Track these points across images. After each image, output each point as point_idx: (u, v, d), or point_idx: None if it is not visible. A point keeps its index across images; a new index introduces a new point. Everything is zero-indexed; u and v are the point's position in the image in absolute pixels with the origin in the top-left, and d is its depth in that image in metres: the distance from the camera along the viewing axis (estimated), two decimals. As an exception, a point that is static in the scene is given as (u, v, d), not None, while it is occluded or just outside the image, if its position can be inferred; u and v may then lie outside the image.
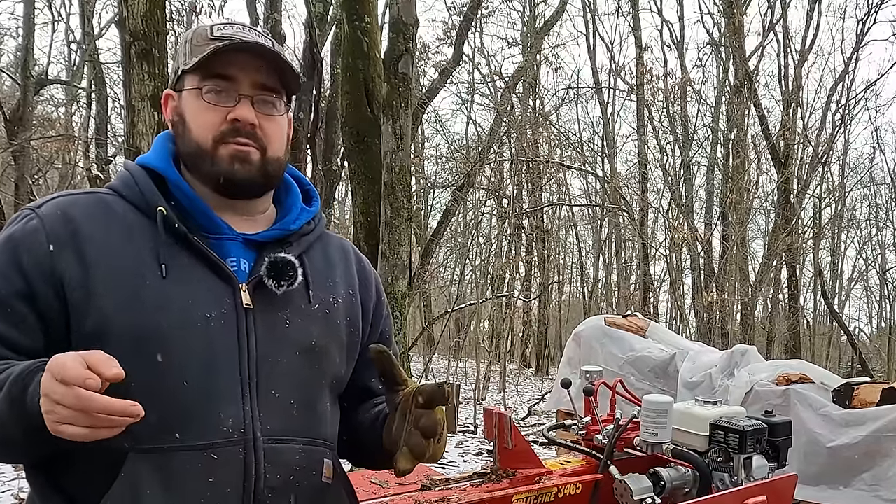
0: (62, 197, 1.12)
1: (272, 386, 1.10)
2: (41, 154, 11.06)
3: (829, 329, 18.41)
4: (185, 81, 1.14)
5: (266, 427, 1.08)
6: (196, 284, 1.08)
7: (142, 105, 4.83)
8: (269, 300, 1.12)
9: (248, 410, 1.07)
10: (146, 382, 1.01)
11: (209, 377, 1.05)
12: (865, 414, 4.38)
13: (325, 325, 1.18)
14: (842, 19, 23.87)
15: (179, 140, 1.15)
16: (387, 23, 6.01)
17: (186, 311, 1.05)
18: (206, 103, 1.12)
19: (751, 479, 2.27)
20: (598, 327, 5.94)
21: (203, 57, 1.10)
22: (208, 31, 1.15)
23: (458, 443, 7.75)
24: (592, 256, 19.23)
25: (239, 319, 1.09)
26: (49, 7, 11.98)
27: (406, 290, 5.46)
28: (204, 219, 1.13)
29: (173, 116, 1.16)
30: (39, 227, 1.05)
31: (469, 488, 2.05)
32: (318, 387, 1.17)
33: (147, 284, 1.04)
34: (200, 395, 1.04)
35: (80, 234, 1.05)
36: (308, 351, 1.15)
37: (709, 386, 5.06)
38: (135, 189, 1.12)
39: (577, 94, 17.79)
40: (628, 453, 2.34)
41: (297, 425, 1.12)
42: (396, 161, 5.35)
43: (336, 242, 1.31)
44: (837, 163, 18.11)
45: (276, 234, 1.18)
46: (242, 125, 1.12)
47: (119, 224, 1.08)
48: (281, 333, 1.13)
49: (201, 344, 1.05)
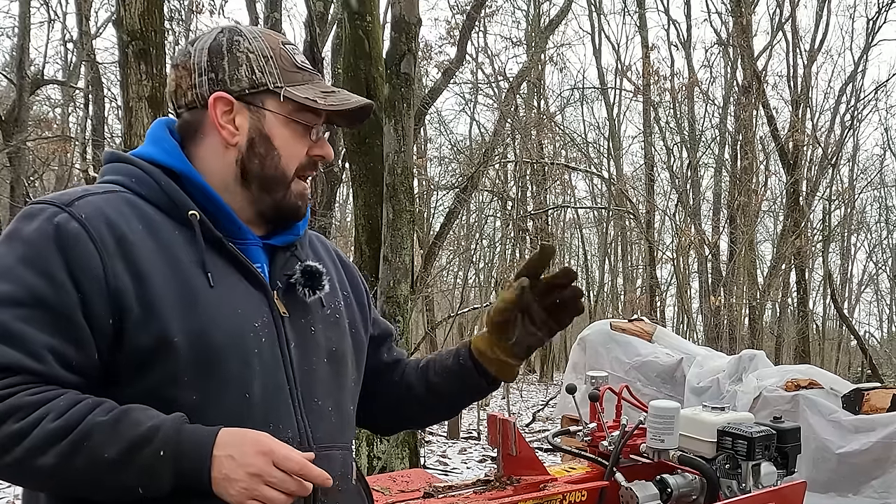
0: (90, 196, 1.05)
1: (313, 394, 1.13)
2: (37, 156, 11.01)
3: (838, 333, 18.25)
4: (269, 101, 1.13)
5: (316, 436, 1.11)
6: (237, 293, 1.07)
7: (139, 106, 4.71)
8: (297, 307, 1.14)
9: (301, 420, 1.10)
10: (209, 397, 1.01)
11: (267, 389, 1.06)
12: (875, 420, 4.35)
13: (338, 329, 1.21)
14: (851, 19, 23.66)
15: (256, 160, 1.13)
16: (388, 22, 5.88)
17: (238, 321, 1.05)
18: (297, 134, 1.14)
19: (759, 486, 2.23)
20: (604, 332, 5.91)
21: (335, 108, 1.14)
22: (290, 54, 1.16)
23: (462, 449, 7.67)
24: (598, 259, 19.14)
25: (278, 328, 1.10)
26: (46, 6, 11.88)
27: (408, 294, 5.39)
28: (230, 223, 1.11)
29: (252, 134, 1.13)
30: (83, 232, 0.99)
31: (473, 495, 2.05)
32: (344, 391, 1.21)
33: (200, 295, 1.03)
34: (262, 407, 1.05)
35: (125, 242, 1.01)
36: (331, 356, 1.18)
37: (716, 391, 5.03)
38: (156, 189, 1.08)
39: (582, 94, 17.69)
40: (634, 460, 2.33)
41: (335, 431, 1.16)
42: (399, 163, 5.27)
43: (316, 241, 1.31)
44: (847, 164, 18.02)
45: (290, 238, 1.19)
46: (324, 162, 1.18)
47: (152, 228, 1.05)
48: (311, 340, 1.15)
49: (255, 355, 1.06)
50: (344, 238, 14.37)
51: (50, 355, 0.96)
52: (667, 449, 2.25)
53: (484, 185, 13.78)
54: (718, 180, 16.01)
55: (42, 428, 0.92)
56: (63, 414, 0.93)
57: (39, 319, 0.96)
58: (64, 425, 0.93)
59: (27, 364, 0.95)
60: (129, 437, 0.94)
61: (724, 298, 13.40)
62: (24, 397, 0.93)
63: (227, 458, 0.95)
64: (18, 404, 0.93)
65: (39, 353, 0.95)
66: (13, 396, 0.93)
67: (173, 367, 0.99)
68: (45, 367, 0.96)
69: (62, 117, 13.60)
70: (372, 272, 5.49)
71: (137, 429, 0.95)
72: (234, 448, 0.96)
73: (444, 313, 14.71)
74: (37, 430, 0.92)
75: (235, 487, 0.95)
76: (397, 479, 2.24)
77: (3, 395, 0.93)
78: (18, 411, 0.93)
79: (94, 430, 0.93)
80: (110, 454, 0.93)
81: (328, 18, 10.23)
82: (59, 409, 0.94)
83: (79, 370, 0.98)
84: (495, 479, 2.16)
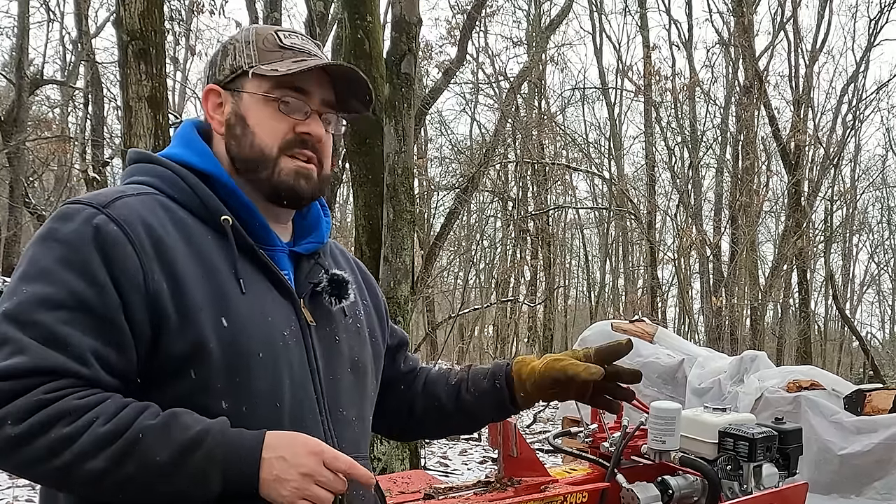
0: (126, 198, 1.04)
1: (339, 404, 1.13)
2: (36, 156, 10.99)
3: (840, 334, 18.21)
4: (246, 83, 1.13)
5: (342, 445, 1.08)
6: (266, 301, 1.07)
7: (139, 106, 4.70)
8: (323, 316, 1.14)
9: (328, 430, 1.09)
10: (240, 405, 1.01)
11: (295, 398, 1.06)
12: (878, 421, 4.37)
13: (359, 339, 1.21)
14: (853, 19, 23.57)
15: (234, 142, 1.13)
16: (389, 22, 5.86)
17: (269, 329, 1.05)
18: (277, 112, 1.12)
19: (761, 487, 2.24)
20: (605, 332, 5.93)
21: (294, 70, 1.10)
22: (276, 37, 1.15)
23: (462, 450, 7.65)
24: (599, 260, 19.08)
25: (305, 337, 1.10)
26: (45, 6, 11.85)
27: (409, 294, 5.40)
28: (260, 229, 1.12)
29: (228, 117, 1.13)
30: (122, 235, 0.98)
31: (473, 497, 2.05)
32: (366, 401, 1.22)
33: (233, 302, 1.03)
34: (292, 417, 1.05)
35: (162, 245, 1.01)
36: (354, 366, 1.18)
37: (718, 392, 5.07)
38: (188, 193, 1.08)
39: (583, 94, 17.61)
40: (635, 461, 2.33)
41: (360, 441, 1.17)
42: (399, 163, 5.27)
43: (336, 249, 1.31)
44: (849, 165, 17.99)
45: (314, 246, 1.19)
46: (312, 139, 1.13)
47: (186, 233, 1.04)
48: (335, 350, 1.15)
49: (285, 364, 1.05)
50: (344, 239, 14.34)
51: (94, 359, 0.96)
52: (668, 450, 2.25)
53: (484, 186, 13.77)
54: (720, 181, 16.00)
55: (92, 432, 0.92)
56: (112, 418, 0.93)
57: (82, 322, 0.95)
58: (114, 429, 0.92)
59: (73, 367, 0.94)
60: (180, 441, 0.94)
61: (725, 299, 13.39)
62: (72, 401, 0.93)
63: (279, 460, 0.96)
64: (67, 408, 0.92)
65: (84, 356, 0.95)
66: (62, 400, 0.92)
67: (206, 373, 0.99)
68: (90, 370, 0.95)
69: (61, 117, 13.59)
70: (372, 273, 5.44)
71: (188, 432, 0.95)
72: (286, 449, 0.97)
73: (445, 314, 14.69)
74: (87, 433, 0.91)
75: (287, 487, 0.95)
76: (398, 481, 2.25)
77: (52, 399, 0.92)
78: (68, 415, 0.92)
79: (144, 433, 0.93)
80: (162, 458, 0.93)
81: (328, 18, 10.22)
82: (109, 413, 0.93)
83: (120, 374, 0.98)
84: (496, 481, 2.16)
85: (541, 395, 1.29)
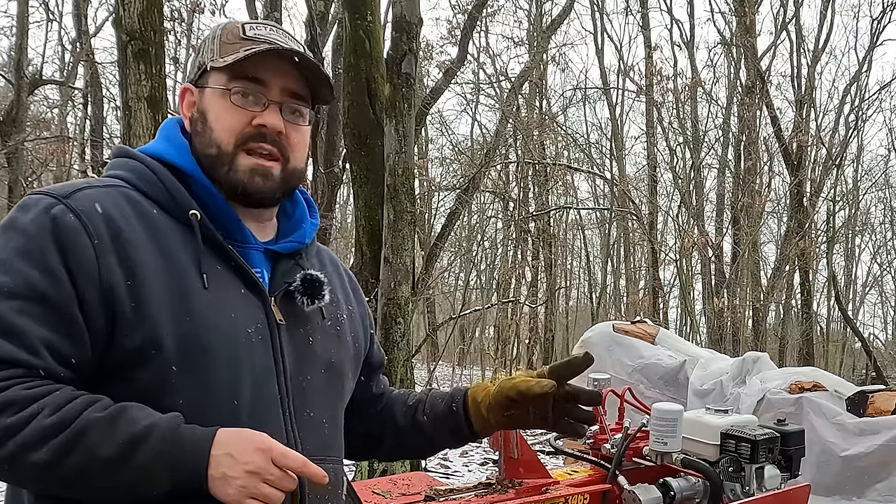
0: (88, 189, 1.04)
1: (306, 405, 1.10)
2: (35, 156, 11.00)
3: (842, 335, 18.20)
4: (209, 78, 1.11)
5: (306, 447, 1.07)
6: (233, 297, 1.05)
7: (138, 106, 4.69)
8: (295, 316, 1.11)
9: (290, 430, 1.07)
10: (196, 402, 0.99)
11: (255, 397, 1.04)
12: (880, 422, 4.39)
13: (338, 342, 1.19)
14: (856, 19, 23.61)
15: (198, 138, 1.11)
16: (389, 21, 5.84)
17: (232, 326, 1.03)
18: (232, 105, 1.09)
19: (763, 489, 2.24)
20: (607, 334, 5.98)
21: (239, 58, 1.07)
22: (240, 29, 1.12)
23: (463, 452, 7.63)
24: (600, 261, 19.03)
25: (273, 336, 1.07)
26: (45, 6, 11.85)
27: (409, 295, 5.36)
28: (232, 225, 1.09)
29: (192, 113, 1.12)
30: (78, 224, 0.97)
31: (474, 499, 2.05)
32: (339, 404, 1.19)
33: (193, 297, 1.01)
34: (250, 415, 1.02)
35: (121, 237, 0.99)
36: (329, 368, 1.15)
37: (720, 394, 5.11)
38: (158, 187, 1.06)
39: (584, 94, 17.56)
40: (637, 463, 2.33)
41: (328, 444, 1.14)
42: (400, 163, 5.24)
43: (326, 255, 1.30)
44: (851, 165, 17.98)
45: (294, 246, 1.16)
46: (269, 132, 1.09)
47: (150, 226, 1.03)
48: (308, 351, 1.12)
49: (247, 362, 1.03)
50: (345, 240, 14.33)
51: (46, 350, 0.95)
52: (670, 452, 2.25)
53: (485, 186, 13.76)
54: (722, 181, 15.99)
55: (37, 423, 0.90)
56: (58, 409, 0.92)
57: (36, 313, 0.94)
58: (59, 421, 0.91)
59: (23, 358, 0.93)
60: (125, 435, 0.92)
61: (727, 300, 13.38)
62: (19, 391, 0.91)
63: (226, 457, 0.94)
64: (13, 398, 0.91)
65: (36, 347, 0.94)
66: (8, 390, 0.91)
67: (162, 368, 0.97)
68: (41, 361, 0.94)
69: (60, 117, 13.61)
70: (373, 274, 5.44)
71: (134, 426, 0.93)
72: (234, 446, 0.94)
73: (446, 315, 14.69)
74: (31, 425, 0.90)
75: (234, 485, 0.93)
76: (398, 483, 2.24)
77: None
78: (13, 405, 0.91)
79: (90, 426, 0.92)
80: (106, 452, 0.91)
81: (329, 18, 10.21)
82: (55, 404, 0.92)
83: (74, 366, 0.97)
84: (497, 483, 2.15)
85: (498, 419, 1.24)
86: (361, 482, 2.12)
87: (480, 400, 1.26)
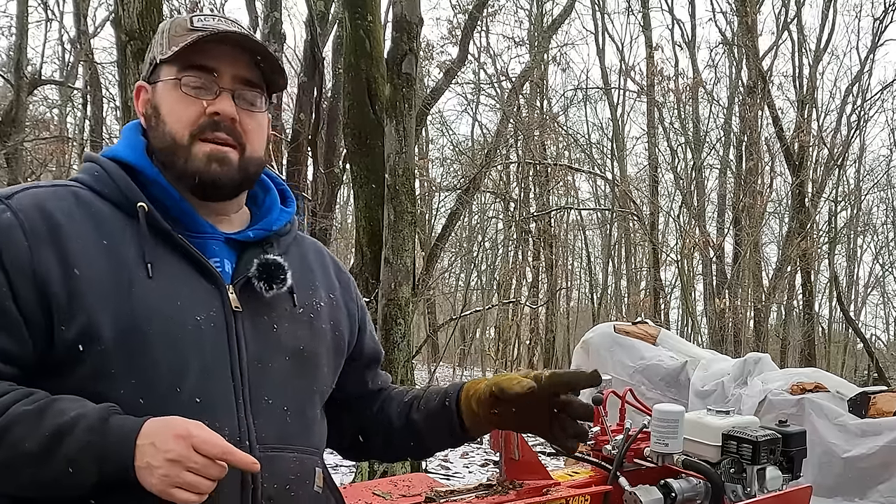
0: (34, 188, 1.06)
1: (265, 392, 1.08)
2: (35, 156, 10.99)
3: (844, 336, 18.22)
4: (160, 72, 1.11)
5: (261, 435, 1.06)
6: (183, 285, 1.04)
7: (138, 106, 4.71)
8: (256, 303, 1.10)
9: (243, 418, 1.05)
10: (135, 390, 0.98)
11: (203, 384, 1.02)
12: (882, 423, 4.37)
13: (310, 331, 1.17)
14: (857, 19, 23.64)
15: (152, 133, 1.11)
16: (390, 21, 5.83)
17: (176, 313, 1.02)
18: (184, 95, 1.08)
19: (764, 490, 2.23)
20: (608, 335, 5.98)
21: (182, 47, 1.07)
22: (188, 21, 1.12)
23: (464, 453, 7.62)
24: (601, 262, 19.01)
25: (228, 323, 1.06)
26: (44, 6, 11.84)
27: (410, 296, 5.35)
28: (185, 216, 1.09)
29: (146, 109, 1.12)
30: (14, 221, 0.98)
31: (475, 500, 2.04)
32: (308, 393, 1.16)
33: (134, 286, 1.00)
34: (194, 403, 1.01)
35: (59, 231, 0.99)
36: (297, 356, 1.13)
37: (721, 395, 5.09)
38: (108, 183, 1.07)
39: (585, 94, 17.53)
40: (638, 464, 2.33)
41: (290, 433, 1.10)
42: (400, 164, 5.23)
43: (310, 245, 1.29)
44: (853, 165, 17.91)
45: (259, 234, 1.15)
46: (222, 119, 1.09)
47: (96, 220, 1.03)
48: (270, 338, 1.10)
49: (193, 349, 1.02)
50: (345, 240, 14.32)
51: None
52: (671, 453, 2.24)
53: (486, 187, 13.73)
54: (723, 181, 15.99)
55: None
56: None
57: None
58: None
59: None
60: (51, 427, 0.91)
61: (728, 301, 13.35)
62: None
63: (150, 446, 0.92)
64: None
65: None
66: None
67: (101, 358, 0.97)
68: None
69: (60, 118, 13.64)
70: (373, 274, 5.42)
71: (60, 418, 0.92)
72: (156, 435, 0.93)
73: (446, 316, 14.66)
74: None
75: (156, 475, 0.91)
76: (399, 484, 2.23)
77: None
78: None
79: (17, 420, 0.91)
80: (30, 445, 0.90)
81: (329, 18, 10.19)
82: None
83: (14, 361, 0.96)
84: (498, 484, 2.15)
85: (486, 415, 1.19)
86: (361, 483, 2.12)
87: (472, 394, 1.22)
